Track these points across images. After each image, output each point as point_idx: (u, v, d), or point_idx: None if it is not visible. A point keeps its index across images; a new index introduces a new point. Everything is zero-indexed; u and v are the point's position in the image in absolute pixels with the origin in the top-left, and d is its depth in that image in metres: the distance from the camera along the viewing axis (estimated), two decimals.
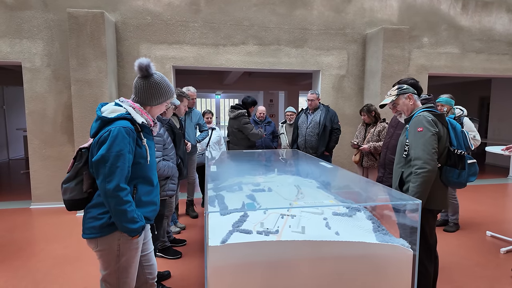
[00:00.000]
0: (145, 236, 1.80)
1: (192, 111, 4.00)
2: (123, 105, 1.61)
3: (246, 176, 3.16)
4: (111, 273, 1.61)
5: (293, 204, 2.15)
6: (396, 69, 5.23)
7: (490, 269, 2.92)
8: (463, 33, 5.92)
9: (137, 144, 1.58)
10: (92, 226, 1.55)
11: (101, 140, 1.50)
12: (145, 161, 1.61)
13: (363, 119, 4.07)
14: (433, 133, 1.98)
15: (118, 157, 1.47)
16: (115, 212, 1.49)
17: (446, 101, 3.67)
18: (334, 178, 2.98)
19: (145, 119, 1.63)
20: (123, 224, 1.51)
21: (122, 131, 1.50)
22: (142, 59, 1.63)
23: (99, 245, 1.57)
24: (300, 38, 5.37)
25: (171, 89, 1.73)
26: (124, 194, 1.48)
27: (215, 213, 2.09)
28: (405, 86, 2.22)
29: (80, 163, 1.56)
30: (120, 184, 1.47)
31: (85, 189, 1.56)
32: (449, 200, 3.82)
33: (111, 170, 1.46)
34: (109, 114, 1.55)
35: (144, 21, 4.86)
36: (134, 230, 1.54)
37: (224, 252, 1.60)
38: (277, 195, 2.52)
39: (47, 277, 2.77)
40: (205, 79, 10.89)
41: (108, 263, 1.60)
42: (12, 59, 4.56)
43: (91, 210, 1.56)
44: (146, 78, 1.64)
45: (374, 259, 1.72)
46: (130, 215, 1.51)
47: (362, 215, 2.16)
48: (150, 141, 1.70)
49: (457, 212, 3.86)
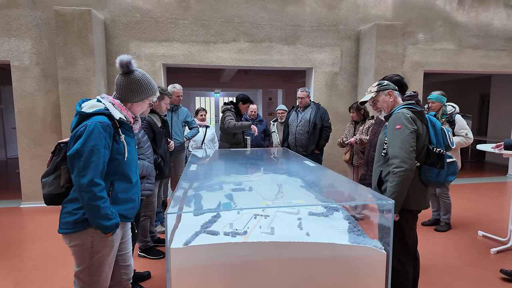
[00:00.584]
0: (124, 235, 1.77)
1: (179, 108, 3.96)
2: (103, 101, 1.60)
3: (231, 175, 3.11)
4: (84, 270, 1.60)
5: (266, 203, 2.09)
6: (389, 66, 5.15)
7: (479, 269, 2.85)
8: (460, 29, 5.81)
9: (115, 140, 1.58)
10: (67, 221, 1.54)
11: (77, 135, 1.50)
12: (122, 158, 1.60)
13: (352, 116, 4.01)
14: (411, 130, 1.92)
15: (92, 151, 1.46)
16: (88, 208, 1.48)
17: (436, 98, 3.59)
18: (318, 178, 2.92)
19: (124, 116, 1.62)
20: (96, 220, 1.49)
21: (98, 126, 1.49)
22: (123, 55, 1.63)
23: (72, 241, 1.56)
24: (292, 35, 5.30)
25: (153, 87, 1.72)
26: (98, 189, 1.47)
27: (188, 213, 2.04)
28: (385, 82, 2.15)
29: (59, 157, 1.57)
30: (94, 179, 1.46)
31: (62, 184, 1.55)
32: (442, 199, 3.74)
33: (85, 164, 1.45)
34: (87, 109, 1.55)
35: (133, 18, 4.82)
36: (107, 227, 1.52)
37: (187, 255, 1.55)
38: (256, 194, 2.46)
39: (28, 277, 2.75)
40: (201, 78, 10.84)
41: (81, 260, 1.59)
42: (1, 58, 4.54)
43: (67, 205, 1.56)
44: (127, 75, 1.65)
45: (345, 261, 1.66)
46: (104, 212, 1.49)
47: (339, 215, 2.10)
48: (130, 138, 1.69)
49: (449, 211, 3.79)
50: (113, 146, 1.56)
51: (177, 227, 1.87)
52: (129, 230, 1.83)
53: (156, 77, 4.93)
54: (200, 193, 2.48)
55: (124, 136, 1.61)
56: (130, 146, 1.66)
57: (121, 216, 1.63)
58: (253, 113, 5.00)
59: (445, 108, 3.60)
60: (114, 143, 1.56)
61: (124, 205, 1.64)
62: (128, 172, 1.64)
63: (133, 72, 1.65)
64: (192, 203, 2.27)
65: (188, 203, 2.24)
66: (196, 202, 2.29)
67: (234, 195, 2.43)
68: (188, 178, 2.64)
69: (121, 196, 1.62)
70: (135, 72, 1.65)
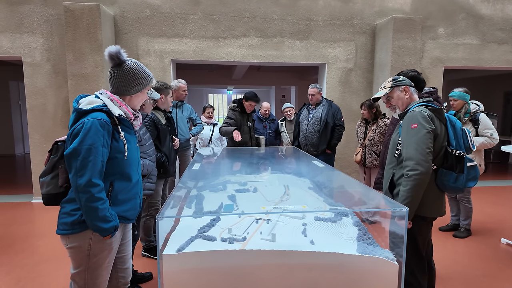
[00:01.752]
0: (124, 236, 1.70)
1: (183, 104, 3.87)
2: (101, 96, 1.52)
3: (237, 175, 3.01)
4: (80, 273, 1.54)
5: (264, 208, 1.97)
6: (407, 62, 4.90)
7: (500, 281, 2.64)
8: (484, 23, 5.48)
9: (114, 138, 1.49)
10: (65, 222, 1.48)
11: (74, 133, 1.43)
12: (122, 156, 1.52)
13: (362, 113, 3.82)
14: (428, 130, 1.75)
15: (90, 150, 1.39)
16: (86, 209, 1.41)
17: (459, 96, 3.35)
18: (328, 179, 2.77)
19: (123, 112, 1.54)
20: (93, 223, 1.43)
21: (96, 123, 1.41)
22: (111, 46, 1.52)
23: (70, 242, 1.50)
24: (304, 30, 5.12)
25: (148, 75, 1.63)
26: (96, 190, 1.40)
27: (187, 217, 1.94)
28: (400, 78, 1.98)
29: (56, 156, 1.51)
30: (92, 179, 1.39)
31: (60, 184, 1.50)
32: (463, 203, 3.51)
33: (83, 164, 1.39)
34: (85, 106, 1.47)
35: (142, 14, 4.77)
36: (106, 229, 1.45)
37: (180, 262, 1.45)
38: (260, 196, 2.35)
39: (30, 274, 2.73)
40: (213, 74, 10.77)
41: (78, 262, 1.53)
42: (13, 54, 4.58)
43: (65, 205, 1.50)
44: (119, 66, 1.55)
45: (352, 273, 1.52)
46: (102, 213, 1.42)
47: (348, 221, 1.96)
48: (131, 135, 1.61)
49: (469, 216, 3.55)
50: (113, 144, 1.48)
51: (174, 230, 1.78)
52: (129, 232, 1.75)
53: (166, 73, 4.87)
54: (202, 194, 2.39)
55: (124, 134, 1.53)
56: (131, 144, 1.58)
57: (121, 217, 1.56)
58: (266, 112, 4.86)
59: (468, 106, 3.36)
60: (113, 141, 1.49)
61: (124, 206, 1.56)
62: (129, 171, 1.57)
63: (124, 62, 1.55)
64: (193, 204, 2.18)
65: (189, 204, 2.16)
66: (197, 203, 2.20)
67: (237, 196, 2.32)
68: (190, 178, 2.55)
69: (121, 197, 1.54)
70: (127, 62, 1.55)
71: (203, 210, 2.06)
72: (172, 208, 1.68)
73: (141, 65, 1.61)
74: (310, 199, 2.29)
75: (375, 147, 3.71)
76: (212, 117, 4.74)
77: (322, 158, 3.98)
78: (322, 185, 2.60)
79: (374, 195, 1.89)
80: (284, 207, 1.97)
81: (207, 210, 2.03)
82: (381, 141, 3.67)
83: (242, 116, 3.93)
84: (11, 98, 8.98)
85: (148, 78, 1.62)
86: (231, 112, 3.93)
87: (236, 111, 3.90)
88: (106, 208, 1.45)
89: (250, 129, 4.02)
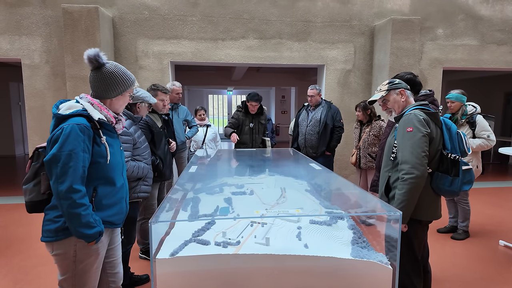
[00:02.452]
0: (112, 241, 1.70)
1: (179, 107, 3.87)
2: (81, 101, 1.50)
3: (234, 177, 3.01)
4: (67, 279, 1.53)
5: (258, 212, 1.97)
6: (405, 63, 4.90)
7: (498, 284, 2.63)
8: (483, 23, 5.47)
9: (95, 143, 1.48)
10: (48, 229, 1.48)
11: (53, 139, 1.42)
12: (105, 161, 1.51)
13: (357, 115, 3.81)
14: (424, 134, 1.75)
15: (70, 156, 1.38)
16: (68, 216, 1.40)
17: (456, 97, 3.35)
18: (324, 182, 2.77)
19: (104, 116, 1.52)
20: (76, 229, 1.41)
21: (75, 128, 1.40)
22: (90, 49, 1.51)
23: (55, 250, 1.50)
24: (303, 31, 5.12)
25: (130, 77, 1.60)
26: (77, 196, 1.39)
27: (182, 221, 1.94)
28: (397, 81, 1.98)
29: (38, 163, 1.50)
30: (73, 185, 1.38)
31: (43, 191, 1.49)
32: (460, 205, 3.50)
33: (63, 170, 1.38)
34: (64, 111, 1.46)
35: (141, 16, 4.77)
36: (90, 235, 1.43)
37: (173, 266, 1.45)
38: (256, 198, 2.35)
39: (27, 276, 2.73)
40: (213, 75, 10.78)
41: (65, 269, 1.52)
42: (12, 56, 4.59)
43: (48, 212, 1.49)
44: (98, 70, 1.53)
45: (346, 277, 1.52)
46: (85, 220, 1.41)
47: (343, 224, 1.95)
48: (114, 139, 1.59)
49: (467, 218, 3.54)
50: (94, 149, 1.47)
51: (168, 233, 1.78)
52: (118, 236, 1.75)
53: (164, 75, 4.87)
54: (198, 196, 2.38)
55: (105, 138, 1.52)
56: (113, 147, 1.57)
57: (107, 222, 1.55)
58: None
59: (465, 108, 3.36)
60: (94, 146, 1.47)
61: (110, 210, 1.55)
62: (113, 176, 1.55)
63: (103, 65, 1.53)
64: (188, 207, 2.18)
65: (184, 207, 2.15)
66: (193, 206, 2.19)
67: (233, 199, 2.32)
68: (187, 180, 2.55)
69: (105, 202, 1.53)
70: (106, 65, 1.53)
71: (198, 213, 2.06)
72: (167, 211, 1.68)
73: (121, 68, 1.58)
74: (306, 201, 2.28)
75: (369, 149, 3.70)
76: (205, 119, 4.73)
77: (321, 159, 3.97)
78: (319, 187, 2.60)
79: (369, 198, 1.89)
80: (279, 210, 1.96)
81: (202, 214, 2.03)
82: (376, 143, 3.67)
83: (245, 117, 3.99)
84: (11, 99, 9.00)
85: (128, 81, 1.59)
86: (236, 112, 4.07)
87: (240, 112, 4.01)
88: (90, 213, 1.43)
89: (253, 131, 4.01)
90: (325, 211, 2.06)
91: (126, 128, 2.18)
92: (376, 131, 3.66)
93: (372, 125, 3.69)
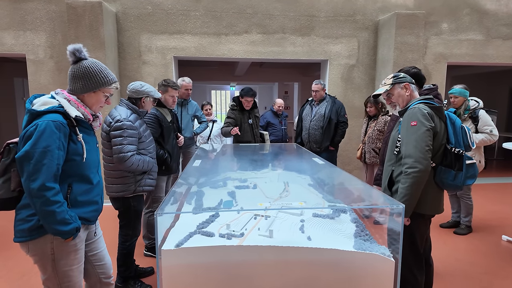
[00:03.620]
0: (89, 236, 1.68)
1: (189, 102, 3.88)
2: (57, 97, 1.48)
3: (237, 171, 3.03)
4: (51, 278, 1.52)
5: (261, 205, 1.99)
6: (409, 58, 4.86)
7: (500, 278, 2.64)
8: (488, 18, 5.41)
9: (71, 140, 1.46)
10: (22, 229, 1.45)
11: (27, 135, 1.38)
12: (80, 158, 1.49)
13: (369, 111, 3.79)
14: (428, 128, 1.75)
15: (44, 153, 1.35)
16: (42, 214, 1.38)
17: (459, 92, 3.34)
18: (327, 176, 2.78)
19: (81, 113, 1.50)
20: (52, 227, 1.40)
21: (50, 125, 1.37)
22: (76, 44, 1.52)
23: (31, 250, 1.48)
24: (306, 26, 5.10)
25: (106, 76, 1.55)
26: (51, 194, 1.37)
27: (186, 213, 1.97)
28: (401, 75, 1.98)
29: (8, 159, 1.46)
30: (46, 183, 1.36)
31: (13, 188, 1.45)
32: (463, 200, 3.51)
33: (36, 167, 1.35)
34: (39, 107, 1.43)
35: (144, 10, 4.77)
36: (66, 232, 1.42)
37: (178, 257, 1.48)
38: (260, 192, 2.37)
39: (34, 268, 2.78)
40: (216, 71, 10.76)
41: (45, 268, 1.51)
42: (17, 51, 4.61)
43: (20, 211, 1.46)
44: (76, 64, 1.52)
45: (348, 269, 1.54)
46: (60, 216, 1.39)
47: (346, 217, 1.97)
48: (90, 136, 1.58)
49: (470, 213, 3.55)
50: (70, 147, 1.44)
51: (173, 226, 1.81)
52: (98, 229, 1.74)
53: (167, 70, 4.88)
54: (202, 190, 2.41)
55: (82, 135, 1.50)
56: (89, 145, 1.55)
57: (82, 219, 1.53)
58: (280, 108, 5.05)
59: (468, 103, 3.35)
60: (70, 143, 1.45)
61: (85, 207, 1.54)
62: (88, 174, 1.54)
63: (82, 59, 1.52)
64: (193, 200, 2.20)
65: (188, 200, 2.18)
66: (197, 200, 2.22)
67: (237, 192, 2.34)
68: (191, 174, 2.57)
69: (80, 199, 1.52)
70: (85, 60, 1.52)
71: (202, 206, 2.08)
72: (172, 204, 1.70)
73: (100, 65, 1.55)
74: (309, 195, 2.30)
75: (373, 145, 3.71)
76: (211, 114, 4.75)
77: (325, 155, 3.98)
78: (322, 182, 2.61)
79: (372, 192, 1.90)
80: (283, 203, 1.98)
81: (207, 207, 2.05)
82: (380, 138, 3.67)
83: (242, 114, 3.89)
84: (15, 95, 9.05)
85: (104, 79, 1.54)
86: (230, 111, 3.91)
87: (235, 110, 3.88)
88: (65, 210, 1.41)
89: (252, 127, 3.98)
90: (328, 205, 2.08)
91: (131, 122, 2.20)
92: (380, 126, 3.65)
93: (378, 120, 3.69)
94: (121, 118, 2.16)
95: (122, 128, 2.14)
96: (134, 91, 2.33)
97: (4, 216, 4.05)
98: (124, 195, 2.27)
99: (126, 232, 2.37)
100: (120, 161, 2.13)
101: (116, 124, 2.15)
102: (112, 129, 2.16)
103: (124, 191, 2.26)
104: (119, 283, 2.42)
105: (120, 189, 2.25)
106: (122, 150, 2.13)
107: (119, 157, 2.13)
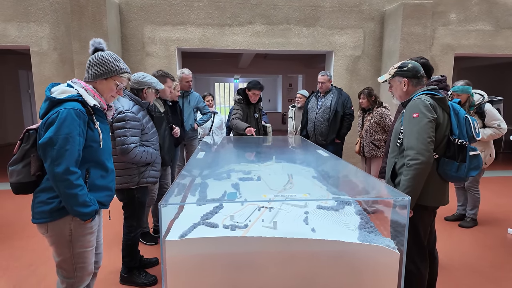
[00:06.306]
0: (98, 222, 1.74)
1: (190, 94, 3.86)
2: (75, 86, 1.54)
3: (241, 163, 3.02)
4: (66, 259, 1.58)
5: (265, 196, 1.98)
6: (416, 49, 4.79)
7: (505, 271, 2.62)
8: (497, 8, 5.29)
9: (89, 127, 1.54)
10: (42, 211, 1.51)
11: (49, 122, 1.44)
12: (97, 145, 1.56)
13: (361, 102, 3.74)
14: (430, 119, 1.72)
15: (67, 139, 1.42)
16: (65, 196, 1.45)
17: (462, 90, 3.21)
18: (332, 169, 2.77)
19: (97, 102, 1.56)
20: (74, 208, 1.48)
21: (71, 113, 1.44)
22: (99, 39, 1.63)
23: (50, 230, 1.54)
24: (311, 17, 5.02)
25: (118, 64, 1.63)
26: (74, 177, 1.45)
27: (190, 204, 1.97)
28: (406, 68, 1.93)
29: (27, 144, 1.51)
30: (70, 168, 1.43)
31: (33, 172, 1.50)
32: (470, 192, 3.47)
33: (60, 153, 1.42)
34: (58, 95, 1.48)
35: (148, 1, 4.73)
36: (87, 214, 1.51)
37: (182, 248, 1.48)
38: (264, 184, 2.36)
39: (41, 258, 2.82)
40: (219, 63, 10.70)
41: (61, 249, 1.57)
42: (21, 43, 4.62)
43: (40, 194, 1.53)
44: (94, 53, 1.62)
45: (353, 260, 1.53)
46: (82, 199, 1.47)
47: (350, 209, 1.96)
48: (104, 125, 1.64)
49: (476, 206, 3.52)
50: (88, 134, 1.52)
51: (177, 217, 1.81)
52: (101, 219, 1.80)
53: (171, 61, 4.85)
54: (206, 182, 2.40)
55: (98, 123, 1.57)
56: (104, 133, 1.62)
57: (98, 203, 1.60)
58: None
59: (472, 98, 3.26)
60: (88, 130, 1.52)
61: (101, 192, 1.61)
62: (104, 160, 1.62)
63: (99, 50, 1.62)
64: (197, 192, 2.20)
65: (193, 192, 2.18)
66: (201, 191, 2.22)
67: (241, 184, 2.33)
68: (195, 166, 2.57)
69: (98, 183, 1.59)
70: (101, 51, 1.62)
71: (206, 197, 2.09)
72: (176, 195, 1.70)
73: (114, 55, 1.64)
74: (313, 187, 2.29)
75: (371, 138, 3.66)
76: (212, 105, 4.71)
77: (331, 148, 3.94)
78: (326, 174, 2.60)
79: (377, 184, 1.88)
80: (287, 195, 1.97)
81: (211, 198, 2.05)
82: (378, 131, 3.63)
83: (248, 108, 3.79)
84: (20, 87, 9.10)
85: (116, 66, 1.60)
86: (237, 104, 3.79)
87: (241, 104, 3.75)
88: (85, 193, 1.49)
89: (257, 120, 3.93)
90: (332, 197, 2.07)
91: (134, 113, 2.19)
92: (377, 118, 3.60)
93: (373, 113, 3.64)
94: (124, 110, 2.15)
95: (124, 119, 2.14)
96: (136, 82, 2.32)
97: (7, 208, 4.11)
98: (128, 187, 2.28)
99: (130, 223, 2.38)
100: (123, 152, 2.14)
101: (119, 115, 2.14)
102: (114, 120, 2.15)
103: (128, 183, 2.26)
104: (124, 273, 2.44)
105: (124, 181, 2.26)
106: (125, 142, 2.13)
107: (122, 148, 2.13)
